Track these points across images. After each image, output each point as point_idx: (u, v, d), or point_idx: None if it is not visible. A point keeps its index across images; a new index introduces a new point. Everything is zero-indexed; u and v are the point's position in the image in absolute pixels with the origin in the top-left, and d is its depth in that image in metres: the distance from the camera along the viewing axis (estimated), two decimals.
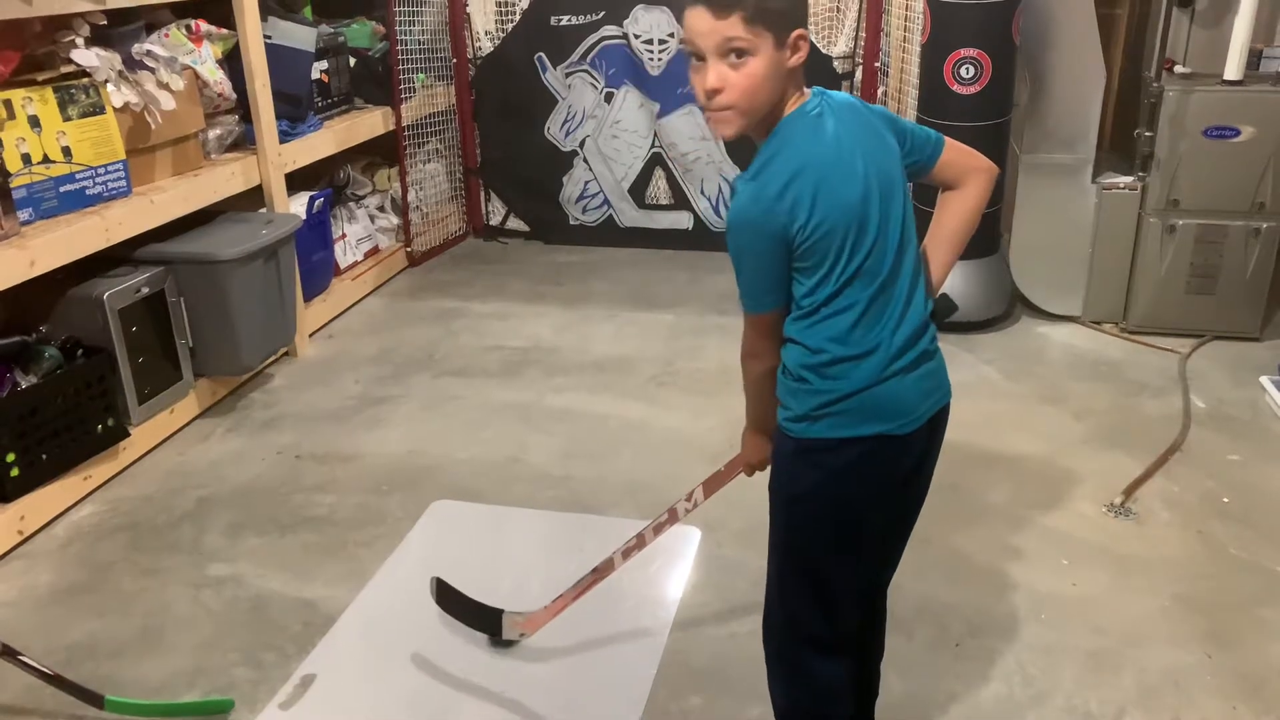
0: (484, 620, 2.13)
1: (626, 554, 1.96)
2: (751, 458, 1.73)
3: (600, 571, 1.99)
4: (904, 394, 1.45)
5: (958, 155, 1.59)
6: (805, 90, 1.45)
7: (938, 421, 1.53)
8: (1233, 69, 3.39)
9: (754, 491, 2.24)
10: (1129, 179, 3.61)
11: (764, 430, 1.66)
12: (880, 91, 4.30)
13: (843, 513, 1.51)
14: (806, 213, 1.36)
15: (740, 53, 1.34)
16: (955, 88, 3.48)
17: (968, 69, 3.45)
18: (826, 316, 1.43)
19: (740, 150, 4.52)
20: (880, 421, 1.44)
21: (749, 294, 1.47)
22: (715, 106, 1.38)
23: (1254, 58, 3.49)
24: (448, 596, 2.15)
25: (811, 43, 4.43)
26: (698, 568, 2.41)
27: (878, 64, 4.26)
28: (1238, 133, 3.40)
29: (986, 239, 3.72)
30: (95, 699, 1.92)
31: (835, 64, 4.35)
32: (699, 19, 1.35)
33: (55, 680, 1.91)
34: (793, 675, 1.64)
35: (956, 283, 3.63)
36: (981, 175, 1.62)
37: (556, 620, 2.22)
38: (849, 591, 1.58)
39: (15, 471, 2.53)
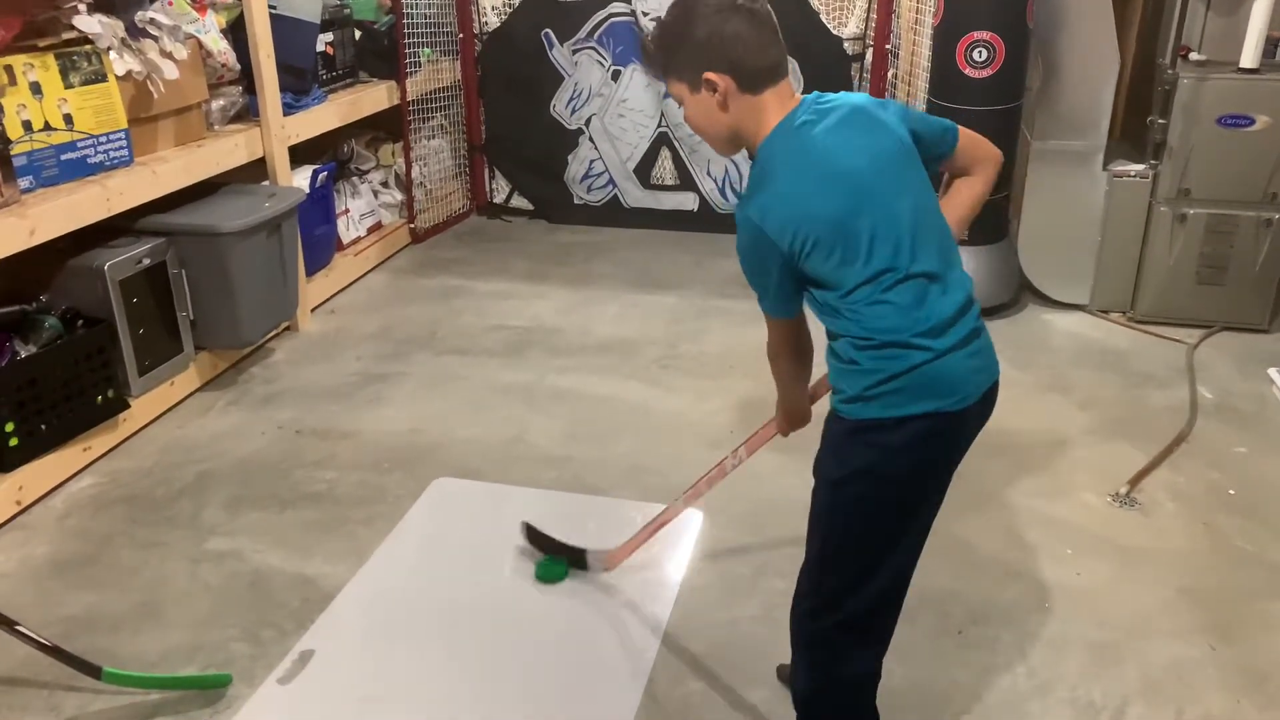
0: (571, 556, 2.30)
1: (689, 499, 2.08)
2: (784, 426, 1.81)
3: (669, 513, 2.14)
4: (957, 370, 1.45)
5: (970, 144, 1.62)
6: (793, 99, 1.48)
7: (989, 398, 1.53)
8: (1249, 57, 3.35)
9: (755, 477, 2.23)
10: (1140, 167, 3.58)
11: (792, 411, 1.76)
12: (890, 74, 4.26)
13: (896, 492, 1.50)
14: (791, 234, 1.41)
15: (677, 100, 1.52)
16: (967, 71, 3.44)
17: (980, 53, 3.40)
18: (858, 315, 1.43)
19: None
20: (935, 398, 1.43)
21: (761, 299, 1.52)
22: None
23: (1270, 46, 3.45)
24: (536, 538, 2.34)
25: (823, 24, 4.38)
26: (699, 551, 2.40)
27: (888, 46, 4.21)
28: (1252, 122, 3.37)
29: (994, 225, 3.69)
30: (93, 670, 1.91)
31: (845, 45, 4.31)
32: None
33: (53, 651, 1.90)
34: (824, 663, 1.61)
35: (964, 268, 3.60)
36: (991, 164, 1.66)
37: (557, 602, 2.22)
38: (895, 574, 1.56)
39: (14, 441, 2.51)
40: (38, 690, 1.98)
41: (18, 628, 1.88)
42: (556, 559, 2.30)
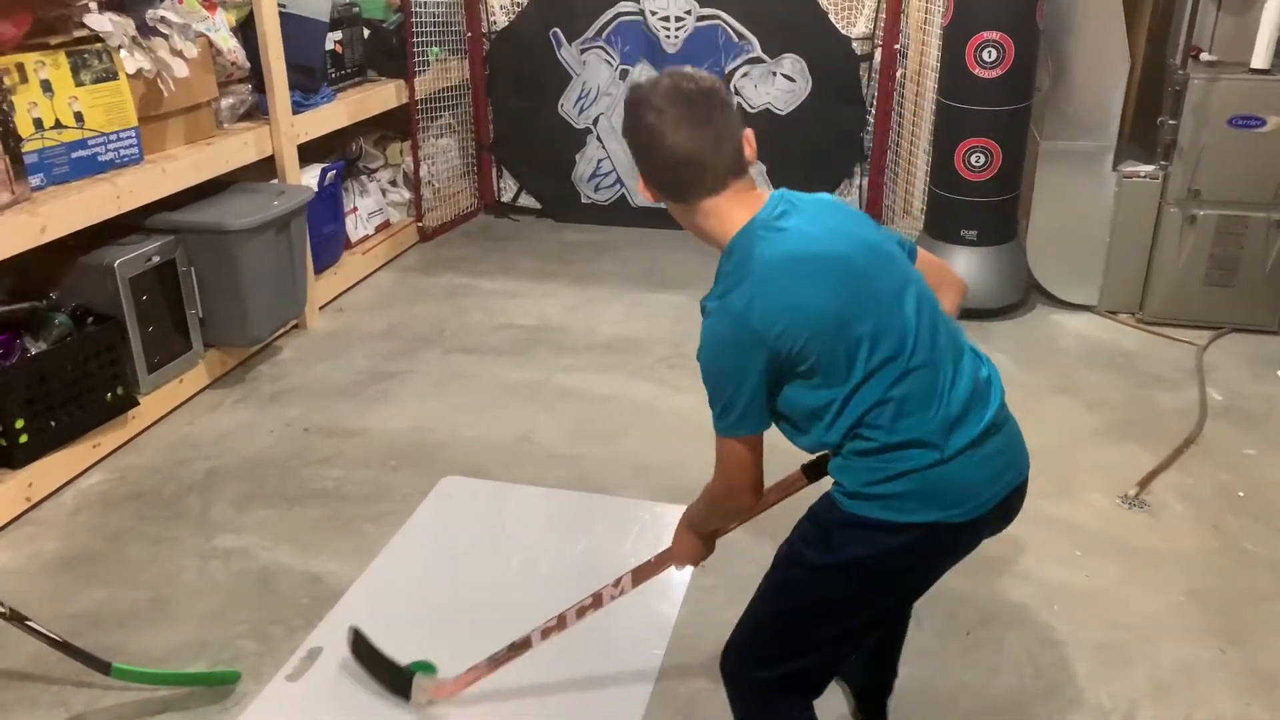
0: (394, 679, 1.94)
1: (545, 634, 1.83)
2: (683, 557, 1.64)
3: (517, 648, 1.85)
4: (968, 477, 1.32)
5: (928, 266, 1.48)
6: (757, 196, 1.38)
7: (1011, 502, 1.40)
8: (1260, 57, 3.34)
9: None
10: (1150, 168, 3.57)
11: (701, 534, 1.61)
12: (899, 74, 4.25)
13: (878, 590, 1.40)
14: (781, 326, 1.29)
15: None
16: (977, 71, 3.43)
17: (990, 52, 3.40)
18: (860, 415, 1.31)
19: (757, 132, 4.45)
20: (939, 508, 1.31)
21: (726, 413, 1.34)
22: None
23: None
24: (362, 649, 1.98)
25: (831, 24, 4.36)
26: None
27: (897, 46, 4.21)
28: (1263, 122, 3.35)
29: (1003, 226, 3.68)
30: (102, 666, 1.91)
31: (854, 45, 4.29)
32: None
33: (62, 646, 1.91)
34: (754, 713, 1.54)
35: (972, 268, 3.60)
36: (954, 289, 1.52)
37: (566, 599, 2.20)
38: (848, 650, 1.48)
39: (24, 438, 2.52)
40: (46, 686, 1.99)
41: (28, 623, 1.89)
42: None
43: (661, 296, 3.93)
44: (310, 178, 3.68)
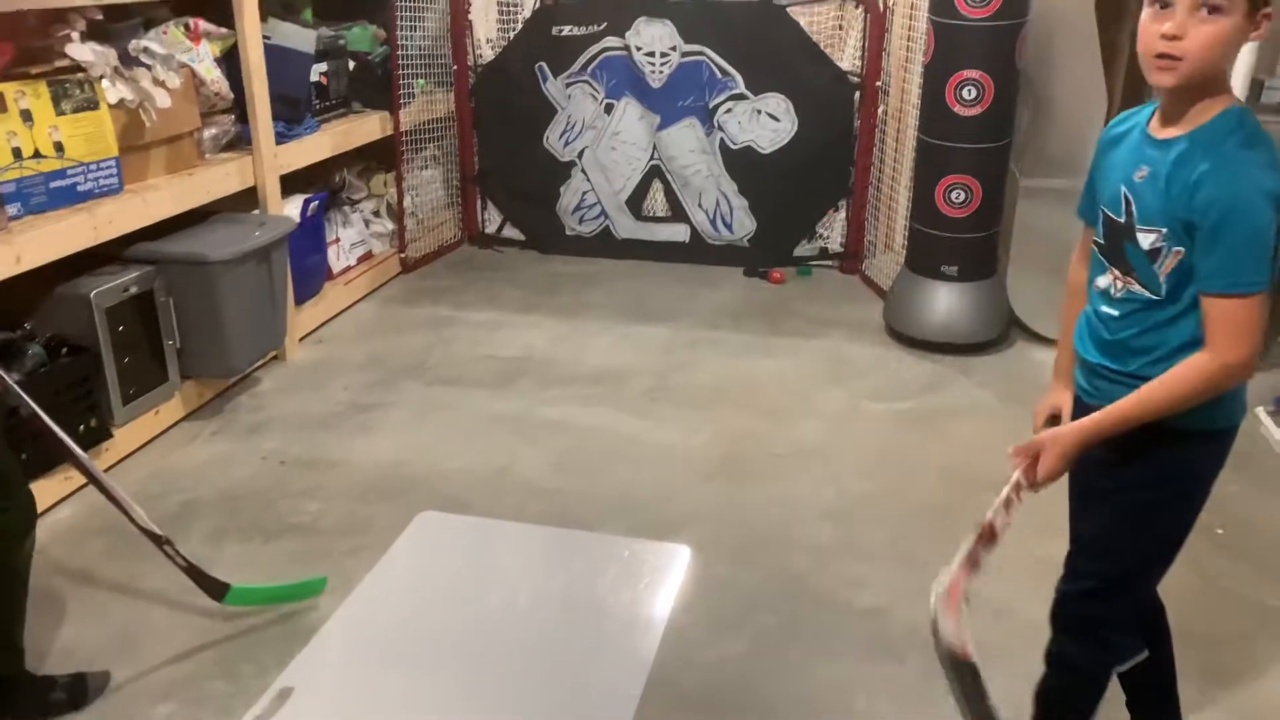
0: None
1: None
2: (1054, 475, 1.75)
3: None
4: None
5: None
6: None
7: None
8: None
9: (743, 507, 2.19)
10: None
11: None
12: (880, 110, 4.29)
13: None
14: None
15: (1215, 9, 1.36)
16: (956, 109, 3.47)
17: (969, 90, 3.44)
18: None
19: (739, 167, 4.50)
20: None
21: (1262, 272, 1.39)
22: (1167, 51, 1.38)
23: (1256, 88, 3.49)
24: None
25: (824, 56, 4.38)
26: (686, 587, 2.37)
27: (879, 84, 4.25)
28: None
29: (984, 262, 3.71)
30: (220, 590, 2.17)
31: (849, 76, 4.34)
32: None
33: (188, 571, 2.13)
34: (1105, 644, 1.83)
35: (953, 304, 3.62)
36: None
37: (542, 639, 2.18)
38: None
39: None
40: None
41: (165, 548, 2.07)
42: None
43: (647, 329, 3.93)
44: (293, 208, 3.67)
